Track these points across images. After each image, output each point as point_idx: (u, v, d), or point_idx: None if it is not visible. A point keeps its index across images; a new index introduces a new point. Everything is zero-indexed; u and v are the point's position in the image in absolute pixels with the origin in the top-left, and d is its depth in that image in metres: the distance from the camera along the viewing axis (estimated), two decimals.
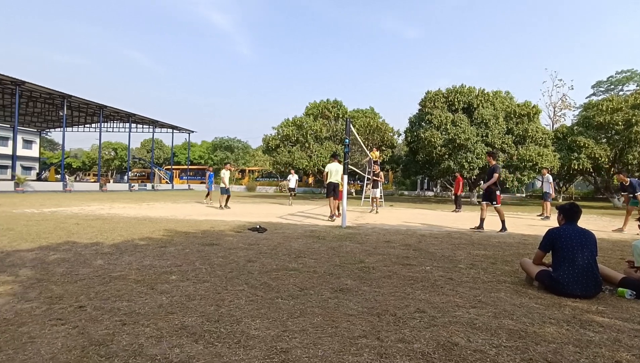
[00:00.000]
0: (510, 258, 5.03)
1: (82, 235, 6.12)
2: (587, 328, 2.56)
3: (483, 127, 21.37)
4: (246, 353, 2.06)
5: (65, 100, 29.99)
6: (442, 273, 4.11)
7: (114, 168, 63.34)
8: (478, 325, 2.54)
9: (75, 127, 44.51)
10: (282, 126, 26.17)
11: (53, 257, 4.40)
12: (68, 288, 3.18)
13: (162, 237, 6.15)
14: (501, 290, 3.49)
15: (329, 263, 4.45)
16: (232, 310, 2.75)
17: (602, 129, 21.97)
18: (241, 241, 5.94)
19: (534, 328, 2.53)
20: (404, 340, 2.28)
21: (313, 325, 2.50)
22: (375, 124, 26.21)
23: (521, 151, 20.95)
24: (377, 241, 6.31)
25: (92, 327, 2.37)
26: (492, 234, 7.67)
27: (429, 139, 21.50)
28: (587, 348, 2.23)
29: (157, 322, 2.48)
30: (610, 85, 47.03)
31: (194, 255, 4.71)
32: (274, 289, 3.32)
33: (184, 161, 54.96)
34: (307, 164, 24.48)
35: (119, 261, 4.27)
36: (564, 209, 3.72)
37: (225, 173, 14.42)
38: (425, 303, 3.03)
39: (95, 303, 2.83)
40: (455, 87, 23.95)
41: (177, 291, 3.19)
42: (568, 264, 3.34)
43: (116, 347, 2.10)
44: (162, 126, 43.28)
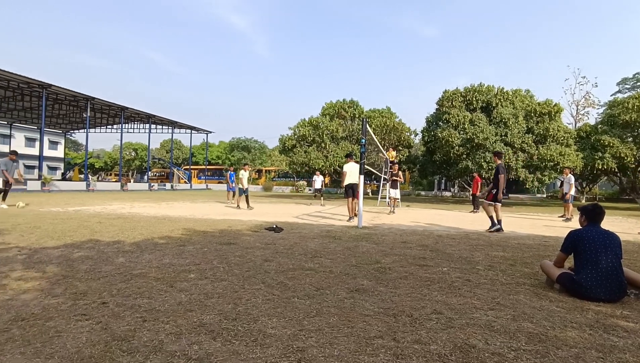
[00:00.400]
0: (530, 260, 4.92)
1: (104, 234, 6.30)
2: (610, 333, 2.49)
3: (502, 127, 20.97)
4: (263, 351, 2.09)
5: (88, 102, 30.86)
6: (459, 274, 4.06)
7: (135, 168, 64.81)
8: (496, 328, 2.51)
9: (97, 129, 45.74)
10: (299, 126, 26.28)
11: (77, 255, 4.55)
12: (92, 285, 3.28)
13: (181, 236, 6.26)
14: (520, 292, 3.43)
15: (345, 263, 4.46)
16: (249, 308, 2.79)
17: (628, 128, 21.26)
18: (258, 240, 6.00)
19: (555, 332, 2.47)
20: (421, 342, 2.26)
21: (329, 324, 2.51)
22: (392, 123, 26.05)
23: (542, 150, 20.46)
24: (393, 241, 6.27)
25: (115, 322, 2.45)
26: (510, 235, 7.52)
27: (447, 139, 21.23)
28: (610, 353, 2.17)
29: (176, 319, 2.54)
30: (637, 82, 45.39)
31: (211, 254, 4.79)
32: (290, 288, 3.35)
33: (202, 161, 55.81)
34: (324, 165, 24.51)
35: (139, 259, 4.37)
36: (587, 210, 3.62)
37: (243, 173, 14.42)
38: (442, 304, 3.00)
39: (118, 299, 2.91)
40: (473, 86, 23.58)
41: (195, 289, 3.25)
42: (591, 267, 3.26)
43: (137, 342, 2.16)
44: (180, 126, 44.03)
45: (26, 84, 26.50)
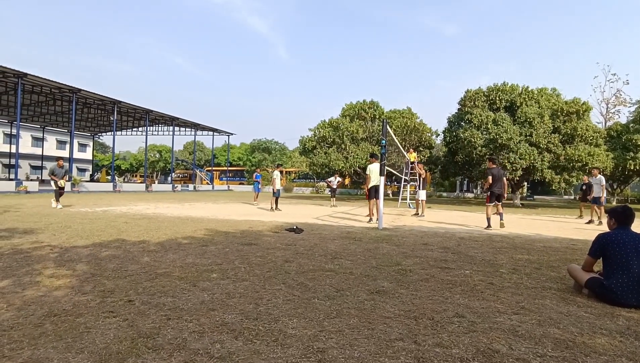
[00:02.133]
0: (557, 264, 4.78)
1: (130, 233, 6.49)
2: None
3: (527, 127, 20.40)
4: (284, 351, 2.11)
5: (115, 106, 31.87)
6: (482, 277, 3.99)
7: (159, 169, 66.37)
8: (521, 333, 2.45)
9: (123, 131, 47.16)
10: (319, 128, 26.30)
11: (105, 254, 4.71)
12: (118, 283, 3.39)
13: (204, 236, 6.39)
14: (546, 296, 3.33)
15: (365, 265, 4.44)
16: (270, 308, 2.82)
17: None
18: (278, 241, 6.05)
19: (583, 338, 2.40)
20: (442, 345, 2.23)
21: (349, 326, 2.51)
22: (413, 124, 25.73)
23: (569, 150, 19.78)
24: (414, 243, 6.21)
25: (140, 320, 2.52)
26: (536, 238, 7.32)
27: (469, 140, 20.82)
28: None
29: (199, 317, 2.59)
30: None
31: (233, 254, 4.87)
32: (310, 289, 3.37)
33: (223, 163, 56.63)
34: (344, 166, 24.45)
35: (163, 259, 4.49)
36: (616, 213, 3.48)
37: (277, 174, 14.11)
38: (464, 307, 2.95)
39: (143, 297, 3.00)
40: (496, 85, 23.05)
41: (217, 288, 3.31)
42: (622, 272, 3.13)
43: (162, 340, 2.22)
44: (203, 128, 44.87)
45: (57, 89, 27.59)
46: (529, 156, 19.62)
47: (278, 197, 13.63)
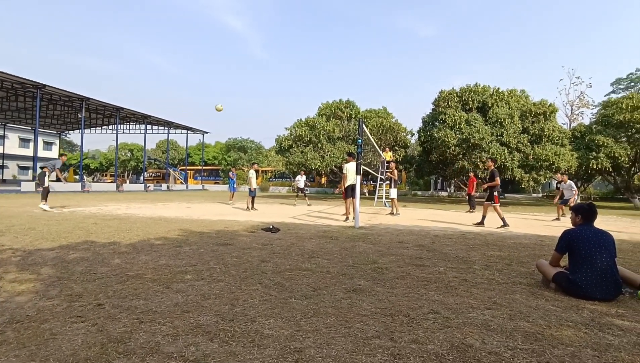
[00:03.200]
0: (526, 260, 4.95)
1: (100, 235, 6.27)
2: (606, 331, 2.50)
3: (498, 127, 21.06)
4: (260, 352, 2.08)
5: (83, 102, 30.68)
6: (456, 274, 4.08)
7: (130, 168, 64.50)
8: (493, 327, 2.52)
9: (93, 129, 45.51)
10: (295, 127, 26.24)
11: (73, 256, 4.52)
12: (87, 287, 3.26)
13: (177, 237, 6.24)
14: (517, 291, 3.44)
15: (342, 264, 4.46)
16: (246, 309, 2.79)
17: (622, 128, 21.38)
18: (255, 241, 5.99)
19: (551, 330, 2.49)
20: (418, 341, 2.27)
21: (326, 325, 2.51)
22: (388, 124, 26.07)
23: (537, 150, 20.56)
24: (390, 241, 6.28)
25: (111, 324, 2.43)
26: (507, 235, 7.56)
27: (443, 139, 21.30)
28: (606, 352, 2.18)
29: (173, 320, 2.53)
30: (630, 82, 45.71)
31: (208, 255, 4.78)
32: (287, 289, 3.35)
33: (198, 162, 55.62)
34: (320, 165, 24.50)
35: (135, 261, 4.35)
36: (582, 210, 3.64)
37: (252, 173, 13.72)
38: (439, 304, 3.01)
39: (114, 301, 2.89)
40: (469, 86, 23.69)
41: (192, 290, 3.24)
42: (586, 266, 3.28)
43: (134, 344, 2.15)
44: (176, 127, 43.88)
45: (20, 84, 26.30)
46: (500, 156, 20.25)
47: (254, 196, 13.48)
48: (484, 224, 9.06)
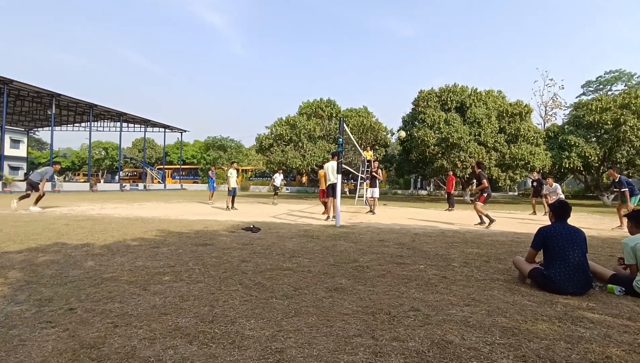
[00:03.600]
0: (503, 256, 5.07)
1: (72, 236, 6.05)
2: (578, 324, 2.58)
3: (476, 126, 21.50)
4: (241, 353, 2.05)
5: (53, 99, 29.60)
6: (435, 271, 4.13)
7: (105, 167, 62.70)
8: (472, 323, 2.56)
9: (64, 127, 43.97)
10: (276, 126, 26.11)
11: (42, 259, 4.34)
12: (58, 290, 3.13)
13: (155, 237, 6.10)
14: (494, 287, 3.52)
15: (323, 263, 4.45)
16: (226, 310, 2.74)
17: (591, 128, 22.22)
18: (235, 241, 5.91)
19: (527, 325, 2.55)
20: (399, 339, 2.28)
21: (308, 324, 2.49)
22: (369, 123, 26.26)
23: (513, 149, 21.11)
24: (371, 240, 6.32)
25: (83, 329, 2.34)
26: (484, 232, 7.73)
27: (422, 138, 21.58)
28: (578, 344, 2.25)
29: (150, 323, 2.46)
30: (599, 85, 47.59)
31: (187, 256, 4.68)
32: (268, 289, 3.31)
33: (176, 161, 54.57)
34: (301, 164, 24.46)
35: (110, 263, 4.22)
36: (555, 208, 3.76)
37: (232, 172, 13.65)
38: (419, 301, 3.03)
39: (86, 305, 2.79)
40: (448, 86, 24.08)
41: (170, 292, 3.16)
42: (560, 262, 3.38)
43: (108, 349, 2.07)
44: (154, 125, 42.91)
45: None
46: (478, 155, 20.69)
47: (234, 196, 13.34)
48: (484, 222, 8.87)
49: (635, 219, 3.63)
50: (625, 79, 45.80)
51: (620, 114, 20.52)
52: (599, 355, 2.10)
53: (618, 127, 20.54)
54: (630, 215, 3.72)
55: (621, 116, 20.42)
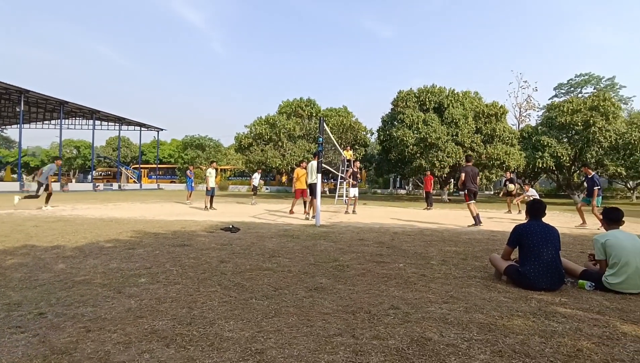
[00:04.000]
0: (480, 254, 5.18)
1: (41, 238, 5.82)
2: (551, 319, 2.66)
3: (453, 127, 21.92)
4: (220, 355, 2.01)
5: (22, 95, 28.43)
6: (415, 269, 4.18)
7: (77, 167, 60.69)
8: (450, 320, 2.59)
9: (33, 124, 42.33)
10: (255, 125, 25.90)
11: (10, 262, 4.15)
12: (27, 294, 3.00)
13: (130, 239, 5.93)
14: (472, 285, 3.59)
15: (303, 262, 4.43)
16: (204, 312, 2.69)
17: (563, 129, 23.04)
18: (213, 241, 5.82)
19: (503, 321, 2.61)
20: (379, 337, 2.29)
21: (288, 324, 2.47)
22: (349, 123, 26.41)
23: (489, 149, 21.64)
24: (351, 239, 6.34)
25: (54, 334, 2.25)
26: (462, 231, 7.88)
27: (401, 138, 21.86)
28: (551, 338, 2.32)
29: (125, 327, 2.38)
30: (570, 87, 49.40)
31: (164, 257, 4.57)
32: (247, 289, 3.27)
33: (152, 160, 53.37)
34: (281, 163, 24.35)
35: (82, 265, 4.08)
36: (530, 207, 3.86)
37: (210, 171, 13.44)
38: (399, 299, 3.06)
39: (57, 309, 2.68)
40: (426, 87, 24.46)
41: (146, 294, 3.08)
42: (534, 259, 3.47)
43: (80, 355, 1.99)
44: (129, 123, 41.85)
45: None
46: (455, 155, 21.11)
47: (212, 195, 13.13)
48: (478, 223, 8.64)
49: (607, 216, 3.78)
50: (595, 82, 47.74)
51: (589, 115, 21.36)
52: (570, 348, 2.17)
53: (588, 129, 21.37)
54: (604, 212, 3.88)
55: (591, 117, 21.26)
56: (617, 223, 3.70)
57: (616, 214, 3.72)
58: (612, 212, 3.76)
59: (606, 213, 3.81)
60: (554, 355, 2.09)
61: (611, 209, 3.80)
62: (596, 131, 20.87)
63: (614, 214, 3.73)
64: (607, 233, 3.59)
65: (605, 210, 3.87)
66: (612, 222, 3.71)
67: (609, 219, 3.74)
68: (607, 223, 3.77)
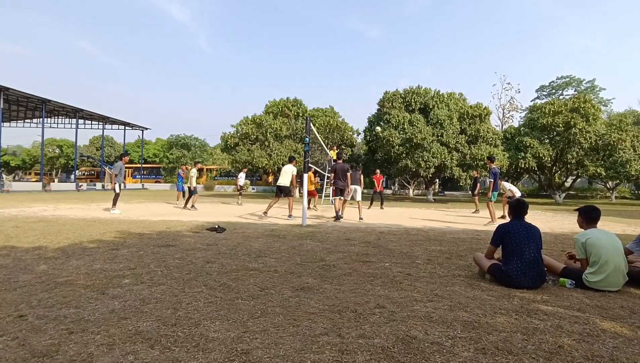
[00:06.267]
0: (464, 253, 5.25)
1: (22, 239, 5.67)
2: (533, 316, 2.72)
3: (438, 128, 22.16)
4: (205, 356, 2.00)
5: (1, 93, 27.63)
6: (400, 269, 4.22)
7: (59, 166, 59.29)
8: (435, 318, 2.63)
9: (13, 123, 41.21)
10: (242, 124, 25.72)
11: None
12: (6, 297, 2.93)
13: (114, 239, 5.83)
14: (456, 283, 3.64)
15: (289, 262, 4.43)
16: (190, 312, 2.66)
17: (545, 131, 23.48)
18: (199, 241, 5.76)
19: (486, 319, 2.66)
20: (365, 336, 2.31)
21: (274, 324, 2.47)
22: (335, 123, 26.44)
23: (474, 150, 21.95)
24: (337, 239, 6.36)
25: (35, 337, 2.20)
26: (446, 230, 7.99)
27: (387, 139, 22.00)
28: (533, 335, 2.37)
29: (108, 328, 2.35)
30: (552, 89, 50.51)
31: (148, 257, 4.51)
32: (233, 290, 3.25)
33: (137, 160, 52.52)
34: (267, 163, 24.25)
35: (65, 266, 3.99)
36: (512, 206, 3.94)
37: (194, 171, 13.66)
38: (384, 298, 3.09)
39: (38, 311, 2.62)
40: (412, 88, 24.66)
41: (130, 295, 3.03)
42: (517, 258, 3.54)
43: (62, 357, 1.96)
44: (113, 122, 41.10)
45: None
46: (440, 155, 21.35)
47: (194, 195, 13.13)
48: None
49: (585, 214, 3.83)
50: (575, 85, 48.95)
51: (570, 117, 21.84)
52: (552, 345, 2.23)
53: (569, 130, 21.84)
54: (581, 210, 3.90)
55: (571, 119, 21.74)
56: (595, 222, 3.78)
57: (595, 213, 3.79)
58: (591, 211, 3.81)
59: (585, 212, 3.86)
60: (535, 351, 2.14)
61: (590, 208, 3.83)
62: (577, 132, 21.36)
63: (593, 214, 3.80)
64: (587, 232, 3.67)
65: (584, 209, 3.88)
66: (591, 221, 3.79)
67: (588, 218, 3.81)
68: (586, 221, 3.83)
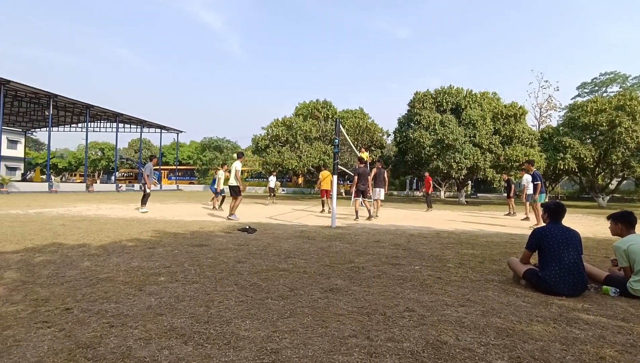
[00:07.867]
0: (498, 257, 5.09)
1: (68, 237, 6.02)
2: (573, 325, 2.60)
3: (471, 128, 21.58)
4: (236, 354, 2.05)
5: (51, 99, 29.46)
6: (431, 272, 4.15)
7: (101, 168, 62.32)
8: (466, 324, 2.57)
9: (61, 127, 43.78)
10: (272, 126, 26.06)
11: (39, 259, 4.32)
12: (54, 291, 3.13)
13: (151, 238, 6.08)
14: (489, 288, 3.53)
15: (318, 263, 4.45)
16: (221, 311, 2.74)
17: (586, 130, 22.31)
18: (230, 241, 5.90)
19: (522, 326, 2.56)
20: (394, 339, 2.29)
21: (303, 325, 2.50)
22: (365, 124, 26.28)
23: (508, 151, 21.21)
24: (366, 241, 6.33)
25: (79, 329, 2.34)
26: (479, 233, 7.76)
27: (418, 140, 21.65)
28: (573, 345, 2.27)
29: (145, 323, 2.45)
30: (595, 86, 47.91)
31: (183, 256, 4.67)
32: (263, 289, 3.31)
33: (172, 162, 54.40)
34: (297, 165, 24.43)
35: (106, 263, 4.21)
36: (549, 209, 3.77)
37: (221, 173, 14.10)
38: (414, 302, 3.05)
39: (82, 305, 2.78)
40: (443, 88, 24.16)
41: (165, 292, 3.16)
42: (555, 263, 3.39)
43: (104, 349, 2.07)
44: (150, 125, 42.80)
45: None
46: (473, 156, 20.77)
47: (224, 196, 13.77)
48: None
49: (624, 219, 3.63)
50: (620, 81, 46.16)
51: (615, 115, 20.64)
52: (593, 356, 2.12)
53: (613, 129, 20.65)
54: (616, 216, 3.69)
55: (616, 117, 20.53)
56: (634, 227, 3.57)
57: (633, 217, 3.57)
58: (630, 216, 3.59)
59: (623, 217, 3.64)
60: (575, 362, 2.05)
61: (627, 213, 3.62)
62: (622, 131, 20.13)
63: (632, 218, 3.58)
64: (628, 239, 3.47)
65: (620, 214, 3.67)
66: (631, 226, 3.58)
67: (628, 224, 3.60)
68: (626, 227, 3.62)
